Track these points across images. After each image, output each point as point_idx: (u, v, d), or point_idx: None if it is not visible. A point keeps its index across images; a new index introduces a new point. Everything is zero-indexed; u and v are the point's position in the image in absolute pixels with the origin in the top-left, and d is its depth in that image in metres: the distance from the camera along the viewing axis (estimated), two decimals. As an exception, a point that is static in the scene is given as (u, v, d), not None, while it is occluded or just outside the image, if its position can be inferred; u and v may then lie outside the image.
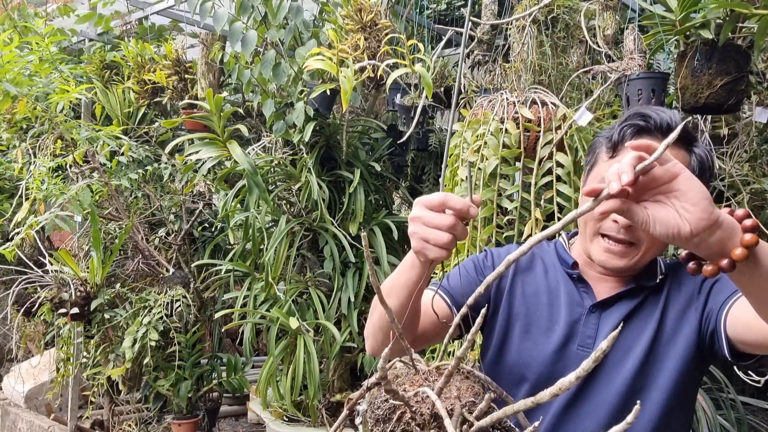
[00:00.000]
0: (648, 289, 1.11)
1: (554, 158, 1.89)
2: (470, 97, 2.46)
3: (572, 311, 1.12)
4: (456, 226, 0.87)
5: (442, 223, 0.87)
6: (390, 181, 3.36)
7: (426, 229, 0.88)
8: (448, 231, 0.87)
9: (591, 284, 1.13)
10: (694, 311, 1.07)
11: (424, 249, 0.88)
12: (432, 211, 0.88)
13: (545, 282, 1.16)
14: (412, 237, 0.91)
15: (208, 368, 3.44)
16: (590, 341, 1.10)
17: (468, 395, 0.69)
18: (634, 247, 1.05)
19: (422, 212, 0.89)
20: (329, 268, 2.87)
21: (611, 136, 1.07)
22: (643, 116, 1.05)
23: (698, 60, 1.77)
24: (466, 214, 0.87)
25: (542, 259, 1.20)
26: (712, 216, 0.73)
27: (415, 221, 0.89)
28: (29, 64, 3.05)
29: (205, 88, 3.24)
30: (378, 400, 0.68)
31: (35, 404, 3.98)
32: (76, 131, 3.14)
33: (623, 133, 1.05)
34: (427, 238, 0.87)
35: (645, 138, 1.02)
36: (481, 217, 1.92)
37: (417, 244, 0.89)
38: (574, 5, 2.24)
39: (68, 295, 3.12)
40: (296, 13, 2.59)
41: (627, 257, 1.05)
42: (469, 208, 0.87)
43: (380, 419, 0.67)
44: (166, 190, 3.68)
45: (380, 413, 0.67)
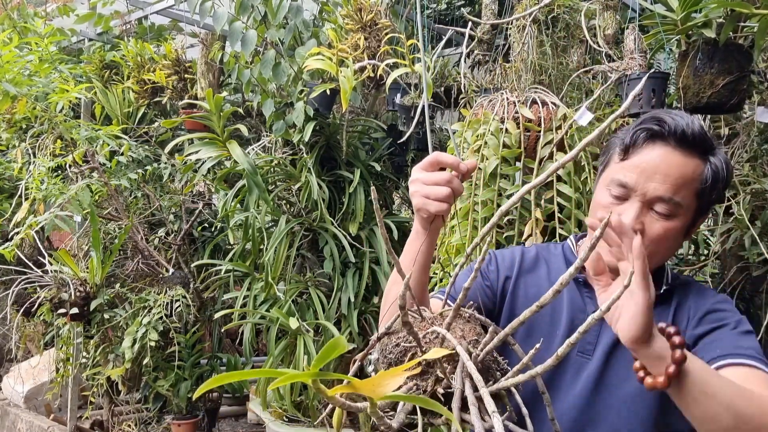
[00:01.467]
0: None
1: (555, 158, 1.88)
2: (470, 96, 2.46)
3: (574, 317, 1.10)
4: (452, 180, 0.95)
5: (440, 177, 0.95)
6: (390, 181, 3.36)
7: (425, 186, 0.96)
8: (445, 185, 0.94)
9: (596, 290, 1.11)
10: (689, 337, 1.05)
11: (425, 205, 0.95)
12: (428, 171, 0.97)
13: (548, 285, 1.14)
14: (413, 197, 0.98)
15: (207, 368, 3.44)
16: (590, 348, 1.09)
17: (471, 335, 0.73)
18: None
19: (419, 174, 0.97)
20: (329, 268, 2.87)
21: (624, 138, 1.06)
22: (658, 120, 1.03)
23: (700, 59, 1.76)
24: (458, 167, 0.96)
25: (547, 262, 1.19)
26: (640, 335, 0.82)
27: (415, 182, 0.97)
28: (29, 64, 3.04)
29: (205, 87, 3.24)
30: (389, 346, 0.71)
31: (35, 404, 3.97)
32: (76, 131, 3.13)
33: (636, 136, 1.04)
34: (428, 194, 0.95)
35: (658, 143, 1.02)
36: (481, 217, 1.91)
37: (418, 201, 0.96)
38: (574, 5, 2.23)
39: (68, 295, 3.12)
40: (296, 13, 2.59)
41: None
42: (458, 162, 0.95)
43: (393, 363, 0.70)
44: (165, 190, 3.68)
45: (392, 357, 0.70)
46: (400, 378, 0.43)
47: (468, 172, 0.98)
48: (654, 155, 1.01)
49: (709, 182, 1.01)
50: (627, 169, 1.02)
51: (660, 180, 1.00)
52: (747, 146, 2.19)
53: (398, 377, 0.43)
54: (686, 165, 1.00)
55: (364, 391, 0.43)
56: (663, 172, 1.00)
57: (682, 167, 1.00)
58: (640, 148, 1.03)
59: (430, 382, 0.67)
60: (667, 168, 1.00)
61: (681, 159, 1.00)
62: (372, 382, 0.43)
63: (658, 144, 1.02)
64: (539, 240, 1.85)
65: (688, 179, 1.00)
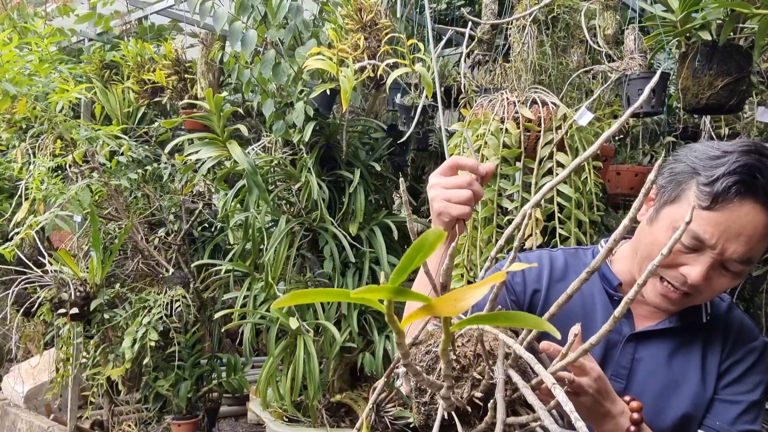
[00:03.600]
0: (688, 326, 1.05)
1: (555, 158, 1.88)
2: (470, 96, 2.46)
3: (609, 337, 1.04)
4: (473, 183, 0.93)
5: (461, 181, 0.93)
6: (390, 181, 3.36)
7: (445, 190, 0.94)
8: (466, 187, 0.93)
9: (632, 310, 1.07)
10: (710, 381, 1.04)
11: (447, 208, 0.93)
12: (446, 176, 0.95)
13: (580, 300, 1.09)
14: (433, 201, 0.95)
15: (207, 368, 3.44)
16: (624, 372, 1.05)
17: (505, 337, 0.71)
18: (691, 298, 0.99)
19: (438, 179, 0.95)
20: (329, 268, 2.87)
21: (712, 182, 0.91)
22: (749, 171, 0.90)
23: (699, 61, 1.76)
24: (477, 169, 0.94)
25: (576, 271, 1.13)
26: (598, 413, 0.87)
27: (434, 187, 0.95)
28: (29, 64, 3.04)
29: (205, 87, 3.23)
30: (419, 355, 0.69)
31: (35, 404, 3.97)
32: (76, 131, 3.13)
33: (728, 188, 0.90)
34: (449, 198, 0.93)
35: (747, 198, 0.90)
36: (481, 217, 1.91)
37: (439, 205, 0.94)
38: (574, 5, 2.24)
39: (68, 295, 3.12)
40: (296, 13, 2.58)
41: (680, 304, 1.00)
42: (477, 165, 0.94)
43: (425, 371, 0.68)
44: (165, 190, 3.68)
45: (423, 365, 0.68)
46: (482, 289, 0.39)
47: (487, 175, 0.96)
48: (742, 214, 0.90)
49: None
50: (708, 223, 0.91)
51: (743, 243, 0.91)
52: (747, 146, 2.19)
53: (481, 288, 0.40)
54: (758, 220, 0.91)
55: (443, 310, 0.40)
56: (748, 234, 0.91)
57: (767, 227, 0.91)
58: (729, 201, 0.90)
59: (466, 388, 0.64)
60: (753, 230, 0.91)
61: (766, 217, 0.91)
62: (450, 297, 0.40)
63: (748, 200, 0.90)
64: (539, 240, 1.85)
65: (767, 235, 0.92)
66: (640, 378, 1.05)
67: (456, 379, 0.64)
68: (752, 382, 1.03)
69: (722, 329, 1.06)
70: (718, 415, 1.02)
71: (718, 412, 1.02)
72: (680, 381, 1.03)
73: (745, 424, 1.01)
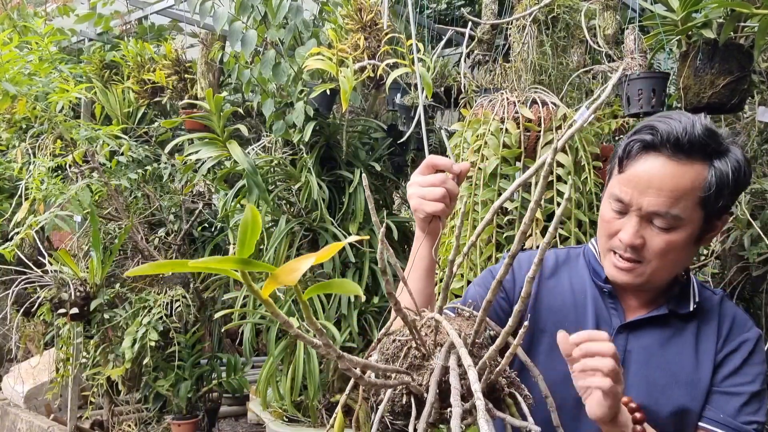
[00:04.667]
0: (680, 316, 1.06)
1: (555, 158, 1.88)
2: (470, 96, 2.46)
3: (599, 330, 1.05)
4: (446, 181, 0.99)
5: (434, 179, 1.00)
6: (390, 181, 3.36)
7: (420, 188, 1.00)
8: (440, 185, 0.98)
9: (622, 302, 1.08)
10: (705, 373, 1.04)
11: (421, 205, 0.99)
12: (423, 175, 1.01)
13: (572, 295, 1.11)
14: (410, 199, 1.02)
15: (207, 368, 3.44)
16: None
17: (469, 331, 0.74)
18: (641, 265, 1.00)
19: (416, 177, 1.02)
20: (329, 268, 2.86)
21: (620, 149, 1.01)
22: (650, 129, 0.97)
23: (700, 60, 1.76)
24: (451, 168, 1.01)
25: (568, 269, 1.15)
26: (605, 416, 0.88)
27: (412, 185, 1.02)
28: (29, 64, 3.04)
29: (205, 87, 3.23)
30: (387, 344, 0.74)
31: (35, 404, 3.97)
32: (76, 131, 3.13)
33: (629, 147, 0.99)
34: (423, 195, 0.99)
35: (651, 153, 0.97)
36: (481, 217, 1.91)
37: (414, 202, 1.01)
38: (574, 5, 2.23)
39: (68, 295, 3.12)
40: (296, 13, 2.58)
41: (633, 273, 1.01)
42: (452, 164, 1.01)
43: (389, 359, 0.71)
44: (165, 190, 3.68)
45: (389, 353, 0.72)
46: (308, 261, 0.44)
47: (462, 174, 1.02)
48: (647, 167, 0.96)
49: (713, 190, 0.94)
50: (623, 184, 0.99)
51: (654, 194, 0.95)
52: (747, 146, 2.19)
53: (308, 260, 0.45)
54: (683, 175, 0.94)
55: (283, 279, 0.45)
56: (656, 186, 0.95)
57: (678, 178, 0.94)
58: (633, 160, 0.98)
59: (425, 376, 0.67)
60: (660, 181, 0.95)
61: (676, 169, 0.95)
62: (287, 266, 0.45)
63: (651, 155, 0.97)
64: (539, 240, 1.85)
65: (686, 190, 0.95)
66: (634, 369, 1.05)
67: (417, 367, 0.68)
68: (752, 373, 1.03)
69: (716, 320, 1.07)
70: (720, 408, 1.02)
71: (720, 405, 1.02)
72: (674, 371, 1.04)
73: (748, 415, 1.01)
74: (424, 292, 1.04)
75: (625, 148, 1.00)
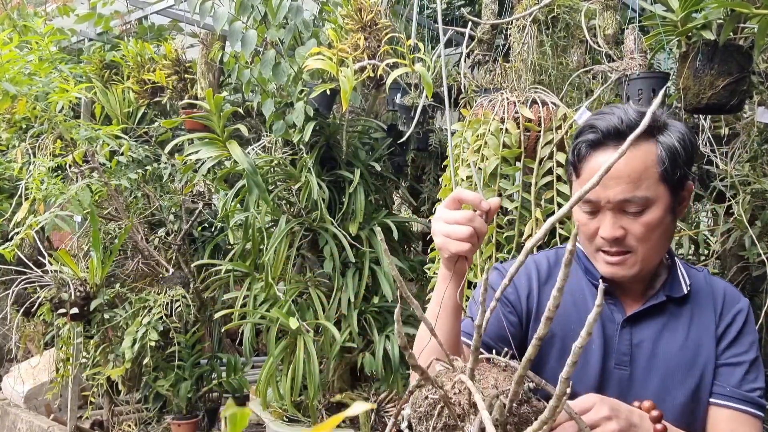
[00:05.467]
0: (676, 300, 1.08)
1: (554, 158, 1.89)
2: (470, 97, 2.46)
3: (605, 327, 1.08)
4: (473, 219, 0.92)
5: (460, 216, 0.92)
6: (390, 181, 3.36)
7: (446, 225, 0.93)
8: (466, 223, 0.91)
9: (620, 297, 1.10)
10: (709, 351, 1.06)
11: (446, 244, 0.93)
12: (449, 210, 0.94)
13: (571, 297, 1.11)
14: (435, 236, 0.95)
15: (207, 368, 3.44)
16: (626, 359, 1.06)
17: (505, 384, 0.71)
18: (631, 255, 1.02)
19: (441, 212, 0.95)
20: (329, 268, 2.87)
21: (570, 156, 1.04)
22: (590, 127, 1.01)
23: (700, 60, 1.76)
24: (479, 205, 0.93)
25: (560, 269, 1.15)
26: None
27: (436, 221, 0.95)
28: (29, 64, 3.04)
29: (205, 87, 3.24)
30: (419, 400, 0.69)
31: (35, 404, 3.97)
32: (76, 131, 3.13)
33: (578, 151, 1.02)
34: (448, 233, 0.92)
35: (599, 150, 1.00)
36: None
37: (439, 240, 0.94)
38: (574, 5, 2.24)
39: (68, 295, 3.12)
40: (296, 13, 2.58)
41: (626, 265, 1.03)
42: (480, 200, 0.93)
43: (423, 417, 0.68)
44: (165, 190, 3.68)
45: (422, 411, 0.68)
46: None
47: (492, 211, 0.95)
48: (600, 162, 0.99)
49: (668, 162, 0.98)
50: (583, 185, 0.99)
51: (615, 184, 0.98)
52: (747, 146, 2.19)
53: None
54: (634, 158, 0.97)
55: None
56: (614, 176, 0.97)
57: (630, 162, 0.97)
58: (585, 161, 1.02)
59: None
60: (616, 170, 0.97)
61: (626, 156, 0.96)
62: None
63: (599, 151, 1.00)
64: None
65: (643, 170, 0.98)
66: (643, 362, 1.06)
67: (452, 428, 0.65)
68: (747, 342, 1.06)
69: (709, 297, 1.09)
70: (725, 380, 1.04)
71: (725, 377, 1.04)
72: (680, 355, 1.05)
73: (751, 383, 1.04)
74: (452, 333, 1.01)
75: (574, 152, 1.03)
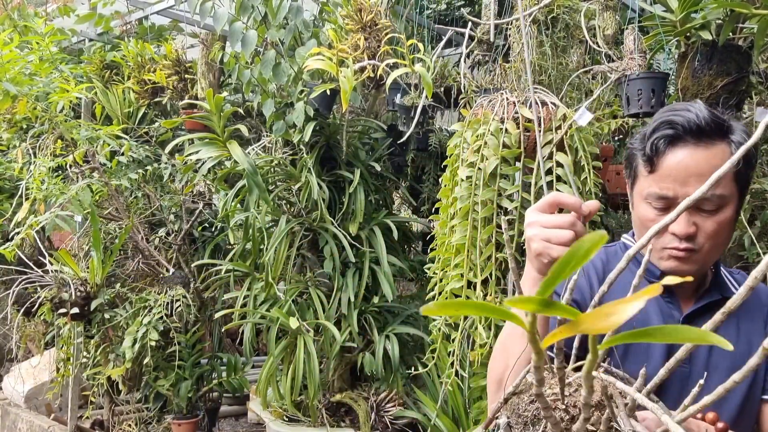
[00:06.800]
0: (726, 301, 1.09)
1: (554, 158, 1.89)
2: (470, 97, 2.46)
3: (665, 323, 1.08)
4: (575, 223, 0.89)
5: (562, 220, 0.89)
6: (390, 181, 3.36)
7: (545, 230, 0.90)
8: (569, 228, 0.89)
9: (676, 295, 1.10)
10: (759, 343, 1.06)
11: (547, 249, 0.89)
12: (544, 213, 0.91)
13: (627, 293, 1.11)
14: (531, 241, 0.92)
15: (208, 368, 3.44)
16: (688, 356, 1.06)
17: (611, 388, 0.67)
18: (695, 253, 1.03)
19: (537, 216, 0.91)
20: (329, 268, 2.87)
21: (644, 149, 1.03)
22: (669, 124, 1.01)
23: (699, 61, 1.77)
24: (579, 208, 0.90)
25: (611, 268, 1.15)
26: None
27: (533, 225, 0.91)
28: (29, 64, 3.04)
29: (205, 88, 3.24)
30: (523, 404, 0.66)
31: (35, 404, 3.98)
32: (76, 131, 3.13)
33: (656, 146, 1.01)
34: (549, 238, 0.89)
35: (678, 145, 1.00)
36: (481, 217, 1.92)
37: (538, 245, 0.90)
38: (574, 5, 2.24)
39: (68, 295, 3.12)
40: (296, 13, 2.59)
41: (691, 261, 1.03)
42: (581, 203, 0.90)
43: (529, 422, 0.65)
44: (166, 190, 3.68)
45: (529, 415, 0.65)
46: (639, 302, 0.34)
47: (591, 214, 0.93)
48: (678, 159, 0.99)
49: (742, 162, 0.98)
50: (660, 180, 1.01)
51: (696, 181, 0.98)
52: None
53: (636, 302, 0.34)
54: (714, 156, 0.98)
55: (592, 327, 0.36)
56: (695, 173, 0.98)
57: (712, 159, 0.98)
58: (663, 156, 1.01)
59: None
60: (697, 168, 0.98)
61: (706, 153, 0.99)
62: (600, 312, 0.35)
63: (678, 147, 1.00)
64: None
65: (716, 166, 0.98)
66: (702, 360, 1.07)
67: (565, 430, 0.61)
68: None
69: (754, 297, 1.11)
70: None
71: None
72: (734, 355, 1.05)
73: None
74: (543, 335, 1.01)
75: (652, 147, 1.02)
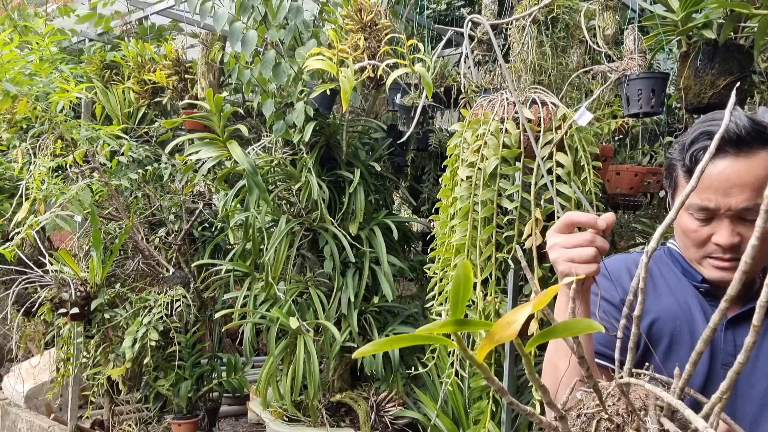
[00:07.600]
0: None
1: (554, 158, 1.89)
2: (470, 97, 2.46)
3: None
4: (595, 239, 0.92)
5: (581, 239, 0.92)
6: (390, 181, 3.36)
7: (566, 251, 0.92)
8: (589, 245, 0.91)
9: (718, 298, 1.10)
10: None
11: (572, 269, 0.92)
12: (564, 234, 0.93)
13: (676, 301, 1.11)
14: (556, 264, 0.94)
15: (208, 368, 3.44)
16: (732, 359, 1.04)
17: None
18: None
19: (557, 238, 0.94)
20: (329, 268, 2.87)
21: (683, 160, 1.03)
22: (708, 135, 1.00)
23: (701, 60, 1.77)
24: (595, 224, 0.92)
25: (660, 271, 1.16)
26: None
27: (554, 248, 0.94)
28: (29, 64, 3.04)
29: (205, 88, 3.24)
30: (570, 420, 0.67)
31: (35, 404, 3.97)
32: (76, 131, 3.13)
33: (695, 158, 1.01)
34: (572, 258, 0.92)
35: (718, 156, 0.99)
36: (481, 217, 1.92)
37: (563, 267, 0.93)
38: (574, 5, 2.24)
39: (68, 295, 3.12)
40: (296, 13, 2.59)
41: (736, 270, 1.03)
42: (595, 219, 0.92)
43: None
44: (166, 190, 3.68)
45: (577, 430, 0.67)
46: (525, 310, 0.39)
47: (608, 228, 0.94)
48: (719, 170, 0.98)
49: None
50: (701, 192, 1.00)
51: (738, 192, 0.97)
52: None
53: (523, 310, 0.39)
54: (756, 166, 0.98)
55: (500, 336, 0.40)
56: (737, 183, 0.97)
57: (753, 170, 0.98)
58: None
59: None
60: (739, 178, 0.97)
61: (747, 163, 0.98)
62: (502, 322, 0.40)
63: (719, 157, 0.99)
64: (539, 240, 1.85)
65: (764, 177, 0.98)
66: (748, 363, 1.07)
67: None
68: None
69: None
70: None
71: None
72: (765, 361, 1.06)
73: None
74: (588, 352, 1.00)
75: (691, 158, 1.02)
